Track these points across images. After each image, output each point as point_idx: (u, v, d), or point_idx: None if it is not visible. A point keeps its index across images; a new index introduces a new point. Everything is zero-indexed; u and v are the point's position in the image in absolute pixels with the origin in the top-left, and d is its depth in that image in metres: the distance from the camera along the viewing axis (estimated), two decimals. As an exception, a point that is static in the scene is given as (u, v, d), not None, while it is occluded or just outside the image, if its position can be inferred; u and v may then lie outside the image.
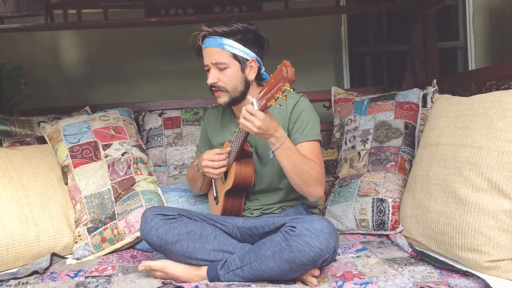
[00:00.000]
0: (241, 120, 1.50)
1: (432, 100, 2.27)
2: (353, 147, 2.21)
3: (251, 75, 1.72)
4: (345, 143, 2.27)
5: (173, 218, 1.62)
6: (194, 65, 1.82)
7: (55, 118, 2.44)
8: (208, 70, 1.73)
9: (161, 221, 1.60)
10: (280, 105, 1.44)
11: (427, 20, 2.67)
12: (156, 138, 2.45)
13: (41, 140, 2.30)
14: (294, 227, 1.39)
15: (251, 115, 1.48)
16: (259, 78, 1.77)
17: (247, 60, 1.70)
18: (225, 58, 1.68)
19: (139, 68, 3.31)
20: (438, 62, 2.71)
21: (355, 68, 3.49)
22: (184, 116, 2.53)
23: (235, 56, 1.68)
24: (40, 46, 3.32)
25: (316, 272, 1.44)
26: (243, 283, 1.47)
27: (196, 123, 2.50)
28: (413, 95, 2.25)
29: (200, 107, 2.60)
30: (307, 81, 3.09)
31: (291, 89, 1.36)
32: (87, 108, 2.58)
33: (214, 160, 1.68)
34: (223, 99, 1.73)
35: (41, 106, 2.87)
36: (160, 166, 2.41)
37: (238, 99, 1.73)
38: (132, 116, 2.43)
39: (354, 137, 2.23)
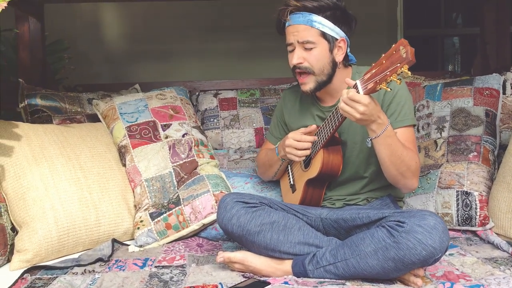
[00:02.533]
0: (341, 105, 1.35)
1: (511, 87, 2.11)
2: (427, 135, 2.06)
3: (339, 56, 1.57)
4: (418, 131, 2.11)
5: (254, 207, 1.48)
6: (242, 44, 1.66)
7: (105, 95, 2.31)
8: (292, 50, 1.57)
9: (242, 209, 1.46)
10: (391, 89, 1.29)
11: (501, 1, 2.49)
12: (212, 119, 2.31)
13: (92, 118, 2.17)
14: (403, 222, 1.24)
15: (354, 101, 1.32)
16: (345, 59, 1.61)
17: (336, 39, 1.55)
18: (313, 36, 1.52)
19: (184, 46, 3.16)
20: (510, 46, 2.53)
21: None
22: (240, 97, 2.38)
23: (324, 35, 1.53)
24: (81, 20, 3.18)
25: (421, 272, 1.30)
26: (334, 280, 1.34)
27: (253, 105, 2.35)
28: (493, 80, 2.08)
29: (256, 88, 2.45)
30: (359, 64, 2.93)
31: (409, 72, 1.21)
32: (137, 86, 2.45)
33: (300, 140, 1.54)
34: (308, 85, 1.57)
35: (83, 82, 2.74)
36: (216, 149, 2.27)
37: (325, 83, 1.58)
38: (188, 95, 2.29)
39: (428, 124, 2.08)
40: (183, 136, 2.00)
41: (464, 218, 1.76)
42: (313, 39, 1.52)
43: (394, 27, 3.24)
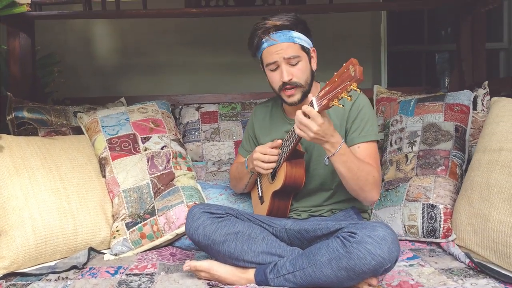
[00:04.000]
0: (296, 124, 1.42)
1: (482, 103, 2.18)
2: (400, 149, 2.12)
3: (314, 64, 1.67)
4: (390, 145, 2.18)
5: (220, 217, 1.55)
6: (228, 58, 1.74)
7: (90, 108, 2.39)
8: (275, 69, 1.62)
9: (208, 219, 1.53)
10: (343, 106, 1.36)
11: (477, 19, 2.56)
12: (193, 132, 2.39)
13: (77, 131, 2.25)
14: (354, 233, 1.31)
15: (308, 120, 1.38)
16: None
17: (309, 49, 1.64)
18: (297, 51, 1.60)
19: (172, 60, 3.25)
20: (485, 63, 2.60)
21: (393, 66, 3.39)
22: (222, 111, 2.46)
23: (303, 48, 1.61)
24: (72, 34, 3.28)
25: (374, 281, 1.36)
26: (293, 288, 1.40)
27: (234, 118, 2.43)
28: (464, 97, 2.15)
29: (238, 102, 2.53)
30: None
31: (358, 90, 1.28)
32: (122, 99, 2.53)
33: (266, 154, 1.61)
34: (296, 97, 1.62)
35: (73, 95, 2.83)
36: (197, 161, 2.35)
37: (307, 93, 1.63)
38: (170, 109, 2.37)
39: (401, 138, 2.14)
40: (161, 148, 2.07)
41: (429, 230, 1.81)
42: (297, 54, 1.59)
43: (378, 44, 3.32)
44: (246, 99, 2.59)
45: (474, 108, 2.16)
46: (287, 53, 1.58)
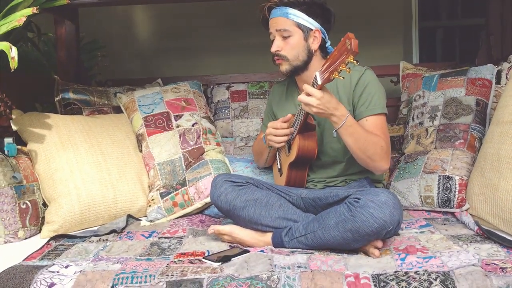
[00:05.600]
0: (300, 98, 1.54)
1: (507, 77, 2.18)
2: (421, 123, 2.18)
3: (315, 45, 1.76)
4: (412, 119, 2.24)
5: (241, 185, 1.69)
6: (259, 39, 1.88)
7: (129, 89, 2.57)
8: (273, 40, 1.79)
9: (230, 187, 1.68)
10: (343, 78, 1.46)
11: (506, -8, 2.53)
12: (223, 110, 2.54)
13: (117, 110, 2.44)
14: (359, 199, 1.42)
15: (309, 96, 1.51)
16: (323, 51, 1.80)
17: (311, 29, 1.74)
18: (289, 26, 1.73)
19: (206, 42, 3.40)
20: (515, 37, 2.57)
21: (425, 43, 3.38)
22: (250, 89, 2.59)
23: (298, 25, 1.73)
24: (115, 21, 3.49)
25: (379, 244, 1.47)
26: (306, 250, 1.52)
27: (262, 96, 2.55)
28: (486, 71, 2.17)
29: (266, 81, 2.65)
30: (374, 55, 3.04)
31: (355, 62, 1.38)
32: (159, 80, 2.70)
33: (277, 128, 1.74)
34: (284, 66, 1.79)
35: (116, 77, 3.03)
36: (226, 137, 2.50)
37: (300, 68, 1.78)
38: (202, 88, 2.52)
39: (422, 113, 2.20)
40: (192, 125, 2.23)
41: (444, 200, 1.88)
42: (288, 28, 1.73)
43: (409, 19, 3.31)
44: (274, 77, 2.70)
45: (498, 82, 2.17)
46: (278, 25, 1.75)
